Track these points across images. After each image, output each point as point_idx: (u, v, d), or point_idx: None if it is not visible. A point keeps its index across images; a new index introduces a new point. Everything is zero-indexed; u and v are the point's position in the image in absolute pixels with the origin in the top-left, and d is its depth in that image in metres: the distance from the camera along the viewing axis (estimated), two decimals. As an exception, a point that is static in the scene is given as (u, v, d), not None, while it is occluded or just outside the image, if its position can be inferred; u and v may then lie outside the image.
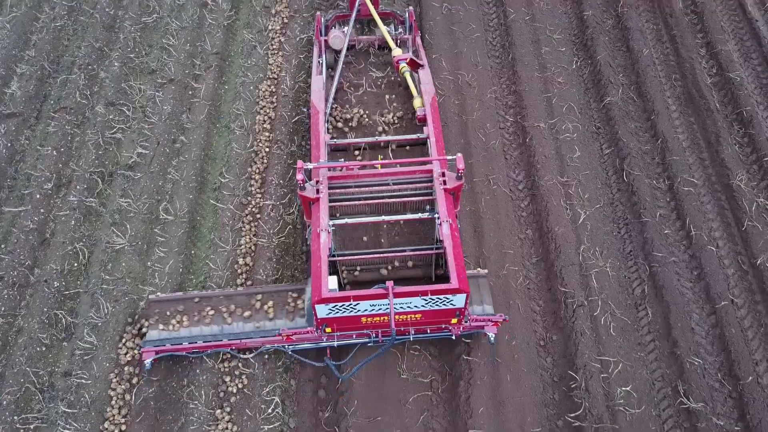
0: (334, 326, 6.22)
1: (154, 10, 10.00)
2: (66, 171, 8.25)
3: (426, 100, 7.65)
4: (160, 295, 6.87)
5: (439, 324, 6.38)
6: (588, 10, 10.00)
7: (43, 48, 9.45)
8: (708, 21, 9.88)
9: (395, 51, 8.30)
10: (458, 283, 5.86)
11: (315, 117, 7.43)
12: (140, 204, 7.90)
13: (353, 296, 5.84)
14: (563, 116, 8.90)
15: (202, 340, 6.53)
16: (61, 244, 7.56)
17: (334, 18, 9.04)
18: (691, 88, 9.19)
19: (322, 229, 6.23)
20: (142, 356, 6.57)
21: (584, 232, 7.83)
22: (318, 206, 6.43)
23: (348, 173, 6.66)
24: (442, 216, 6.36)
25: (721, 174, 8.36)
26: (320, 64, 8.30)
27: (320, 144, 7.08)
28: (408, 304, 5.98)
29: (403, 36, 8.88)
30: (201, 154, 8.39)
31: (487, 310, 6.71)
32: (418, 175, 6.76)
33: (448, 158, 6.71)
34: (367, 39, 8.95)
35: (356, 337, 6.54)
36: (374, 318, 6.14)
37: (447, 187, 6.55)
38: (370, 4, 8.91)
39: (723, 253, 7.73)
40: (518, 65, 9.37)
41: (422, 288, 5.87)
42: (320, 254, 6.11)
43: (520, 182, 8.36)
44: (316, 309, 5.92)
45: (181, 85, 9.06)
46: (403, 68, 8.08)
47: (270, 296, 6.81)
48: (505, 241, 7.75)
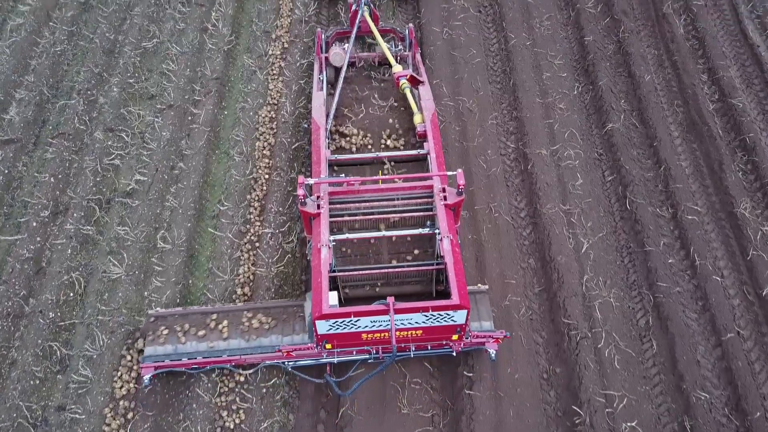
0: (334, 342, 6.16)
1: (154, 35, 9.98)
2: (63, 198, 8.16)
3: (426, 116, 7.69)
4: (160, 310, 6.82)
5: (440, 340, 6.33)
6: (589, 36, 9.98)
7: (43, 73, 9.41)
8: (709, 46, 9.86)
9: (395, 67, 8.32)
10: (459, 300, 5.82)
11: (316, 133, 7.46)
12: (138, 232, 7.80)
13: (354, 312, 5.81)
14: (565, 143, 8.83)
15: (201, 356, 6.45)
16: (57, 274, 7.45)
17: (335, 34, 9.12)
18: (694, 114, 9.14)
19: (322, 245, 6.19)
20: (141, 372, 6.49)
21: (587, 262, 7.73)
22: (319, 221, 6.41)
23: (349, 188, 6.67)
24: (442, 232, 6.36)
25: (724, 202, 8.27)
26: (321, 80, 8.35)
27: (321, 159, 7.09)
28: (409, 320, 5.95)
29: (403, 53, 8.95)
30: (200, 180, 8.31)
31: (487, 326, 6.64)
32: (419, 191, 6.77)
33: (448, 174, 6.70)
34: (368, 56, 9.01)
35: (356, 354, 6.47)
36: (375, 334, 6.09)
37: (447, 203, 6.55)
38: (371, 21, 8.96)
39: (728, 283, 7.63)
40: (519, 91, 9.33)
41: (423, 304, 5.83)
42: (321, 270, 6.07)
43: (521, 210, 8.27)
44: (316, 325, 5.87)
45: (180, 111, 9.00)
46: (404, 85, 8.11)
47: (267, 312, 6.76)
48: (507, 271, 7.65)
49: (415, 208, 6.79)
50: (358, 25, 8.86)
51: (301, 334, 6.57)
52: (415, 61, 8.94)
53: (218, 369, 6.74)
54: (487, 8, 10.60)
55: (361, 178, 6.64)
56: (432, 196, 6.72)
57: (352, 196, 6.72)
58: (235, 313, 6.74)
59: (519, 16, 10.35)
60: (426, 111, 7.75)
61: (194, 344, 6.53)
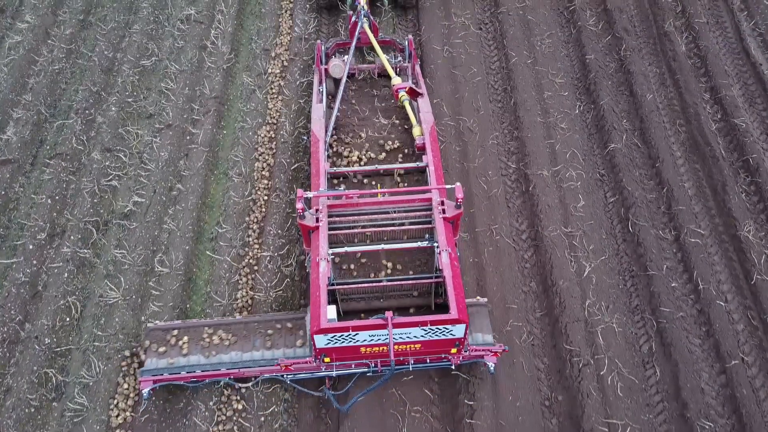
0: (333, 356, 6.16)
1: (153, 53, 9.93)
2: (60, 220, 8.09)
3: (425, 129, 7.69)
4: (159, 323, 6.80)
5: (439, 353, 6.33)
6: (590, 54, 9.92)
7: (41, 92, 9.35)
8: (712, 65, 9.79)
9: (395, 80, 8.33)
10: (458, 314, 5.82)
11: (315, 145, 7.45)
12: (135, 255, 7.72)
13: (352, 326, 5.80)
14: (567, 163, 8.76)
15: (200, 369, 6.42)
16: (54, 298, 7.37)
17: (335, 46, 9.15)
18: (696, 134, 9.06)
19: (321, 258, 6.19)
20: (140, 385, 6.47)
21: (589, 286, 7.64)
22: (317, 235, 6.40)
23: (347, 201, 6.67)
24: (441, 245, 6.35)
25: (728, 224, 8.19)
26: (320, 92, 8.37)
27: (320, 172, 7.09)
28: (407, 334, 5.94)
29: (402, 64, 8.96)
30: (198, 202, 8.24)
31: (486, 339, 6.63)
32: (418, 204, 6.78)
33: (447, 187, 6.70)
34: (367, 67, 9.02)
35: (355, 367, 6.46)
36: (373, 348, 6.08)
37: (446, 216, 6.55)
38: (370, 33, 8.97)
39: (732, 308, 7.54)
40: (520, 110, 9.26)
41: (421, 318, 5.85)
42: (319, 283, 6.06)
43: (523, 232, 8.19)
44: (314, 339, 5.86)
45: (178, 131, 8.94)
46: (403, 97, 8.12)
47: (266, 325, 6.73)
48: (508, 295, 7.56)
49: (413, 221, 6.78)
50: (357, 37, 8.91)
51: (301, 347, 6.54)
52: (414, 72, 8.94)
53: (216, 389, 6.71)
54: (488, 25, 10.55)
55: (359, 192, 6.66)
56: (431, 209, 6.73)
57: (351, 209, 6.72)
58: (234, 326, 6.73)
59: (520, 33, 10.29)
60: (425, 123, 7.78)
61: (193, 357, 6.50)
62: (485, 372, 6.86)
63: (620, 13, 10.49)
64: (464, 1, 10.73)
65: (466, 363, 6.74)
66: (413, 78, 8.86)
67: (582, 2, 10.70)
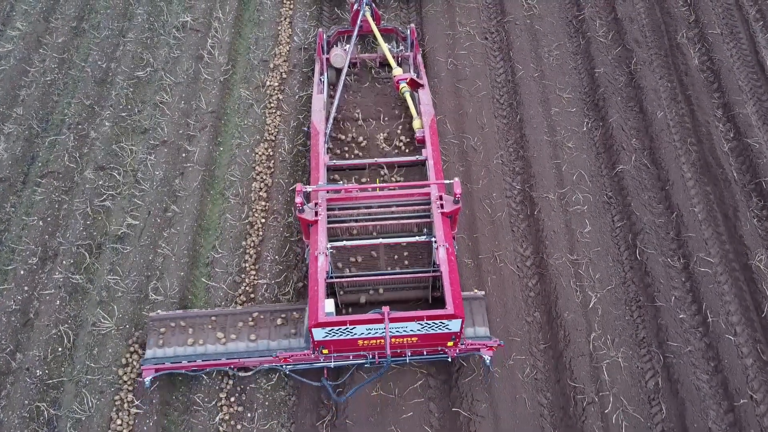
0: (330, 348, 6.25)
1: (148, 63, 9.63)
2: (52, 243, 7.88)
3: (425, 122, 7.64)
4: (160, 313, 6.87)
5: (435, 346, 6.44)
6: (599, 67, 9.59)
7: (32, 105, 9.08)
8: (725, 79, 9.46)
9: (396, 70, 8.30)
10: (454, 309, 5.90)
11: (315, 138, 7.44)
12: (129, 282, 7.53)
13: (350, 321, 5.89)
14: (573, 185, 8.50)
15: (201, 359, 6.54)
16: (45, 327, 7.20)
17: (336, 33, 9.11)
18: (708, 154, 8.78)
19: (319, 252, 6.26)
20: (142, 374, 6.56)
21: (595, 318, 7.44)
22: (316, 229, 6.45)
23: (346, 195, 6.74)
24: (439, 240, 6.40)
25: (739, 252, 7.95)
26: (321, 82, 8.34)
27: (320, 165, 7.10)
28: (404, 328, 6.02)
29: (404, 54, 8.91)
30: (193, 225, 8.02)
31: (482, 332, 6.72)
32: (416, 198, 6.82)
33: (445, 182, 6.72)
34: (369, 57, 8.99)
35: (353, 359, 6.55)
36: (371, 341, 6.17)
37: (444, 211, 6.59)
38: (372, 21, 8.88)
39: (741, 341, 7.33)
40: (526, 127, 8.97)
41: (418, 313, 5.92)
42: (317, 277, 6.14)
43: (527, 258, 7.97)
44: (312, 332, 5.95)
45: (174, 148, 8.68)
46: (404, 88, 8.07)
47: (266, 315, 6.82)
48: (511, 327, 7.36)
49: (412, 215, 6.82)
50: (359, 25, 8.81)
51: (300, 338, 6.63)
52: (416, 62, 8.82)
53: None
54: (494, 35, 10.21)
55: (358, 186, 6.71)
56: (429, 203, 6.74)
57: (350, 203, 6.78)
58: (235, 316, 6.81)
59: (527, 44, 9.95)
60: (425, 116, 7.74)
61: (195, 347, 6.62)
62: (486, 409, 6.71)
63: (631, 22, 10.14)
64: (469, 9, 10.38)
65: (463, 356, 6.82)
66: (415, 68, 8.78)
67: (591, 11, 10.34)
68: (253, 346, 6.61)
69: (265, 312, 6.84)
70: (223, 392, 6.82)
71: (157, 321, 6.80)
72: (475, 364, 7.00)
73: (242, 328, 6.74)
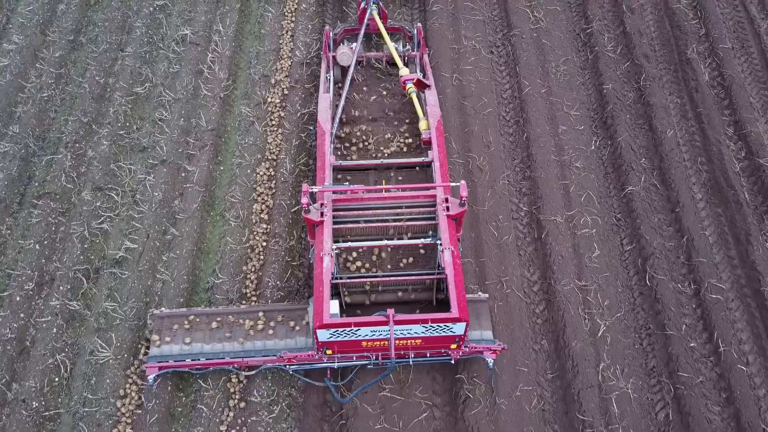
0: (334, 348, 6.27)
1: (147, 78, 9.42)
2: (49, 267, 7.71)
3: (432, 123, 7.64)
4: (165, 310, 6.91)
5: (439, 348, 6.45)
6: (608, 83, 9.38)
7: (28, 122, 8.88)
8: (736, 96, 9.26)
9: (402, 70, 8.29)
10: (458, 313, 5.94)
11: (321, 138, 7.43)
12: (127, 309, 7.36)
13: (354, 323, 5.92)
14: (581, 207, 8.31)
15: (205, 358, 6.56)
16: (42, 357, 7.03)
17: (343, 32, 9.09)
18: (719, 175, 8.59)
19: (325, 254, 6.27)
20: (146, 372, 6.60)
21: (603, 347, 7.27)
22: (322, 229, 6.48)
23: (352, 196, 6.76)
24: (444, 243, 6.40)
25: (751, 277, 7.77)
26: (328, 80, 8.32)
27: (325, 166, 7.11)
28: (408, 330, 6.05)
29: (410, 53, 8.88)
30: (193, 249, 7.84)
31: (486, 336, 6.71)
32: (422, 200, 6.83)
33: (452, 185, 6.80)
34: (375, 56, 8.99)
35: (356, 359, 6.55)
36: (375, 342, 6.18)
37: (450, 214, 6.59)
38: (379, 20, 8.85)
39: (753, 371, 7.17)
40: (533, 146, 8.78)
41: (422, 316, 5.97)
42: (323, 279, 6.15)
43: (534, 284, 7.79)
44: (317, 333, 5.98)
45: (173, 167, 8.49)
46: (410, 89, 8.06)
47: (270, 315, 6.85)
48: (518, 356, 7.20)
49: (417, 217, 6.82)
50: (366, 23, 8.77)
51: (304, 338, 6.65)
52: (422, 62, 8.76)
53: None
54: (500, 48, 10.00)
55: (364, 187, 6.73)
56: (435, 205, 6.75)
57: (356, 204, 6.79)
58: (240, 315, 6.84)
59: (534, 59, 9.74)
60: (432, 117, 7.69)
61: (199, 345, 6.64)
62: (492, 442, 6.57)
63: (640, 36, 9.92)
64: (475, 23, 10.16)
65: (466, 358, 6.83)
66: (421, 68, 8.73)
67: (599, 24, 10.12)
68: (258, 345, 6.64)
69: (271, 311, 6.88)
70: (223, 425, 6.67)
71: (161, 319, 6.81)
72: (482, 396, 6.84)
73: (247, 327, 6.76)
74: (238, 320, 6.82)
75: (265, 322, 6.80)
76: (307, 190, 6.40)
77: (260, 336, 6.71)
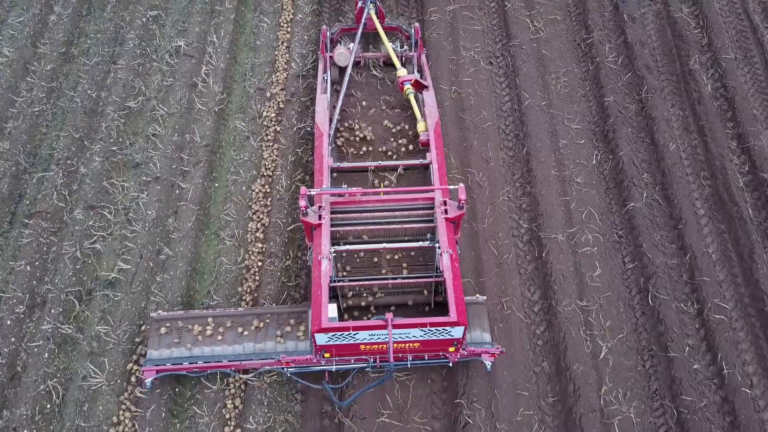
0: (333, 351, 6.28)
1: (140, 92, 9.25)
2: (40, 289, 7.57)
3: (429, 125, 7.62)
4: (162, 313, 6.88)
5: (437, 351, 6.46)
6: (609, 96, 9.23)
7: (19, 138, 8.72)
8: (739, 108, 9.11)
9: (400, 71, 8.23)
10: (457, 317, 5.94)
11: (319, 140, 7.43)
12: (120, 333, 7.22)
13: (353, 327, 5.92)
14: (582, 225, 8.17)
15: (202, 360, 6.56)
16: (33, 383, 6.90)
17: (340, 31, 9.01)
18: (722, 190, 8.45)
19: (323, 257, 6.26)
20: (143, 375, 6.58)
21: (606, 369, 7.15)
22: (320, 232, 6.47)
23: (350, 199, 6.77)
24: (442, 246, 6.41)
25: (755, 297, 7.65)
26: (325, 80, 8.25)
27: (323, 168, 7.11)
28: (407, 334, 6.04)
29: (408, 53, 8.79)
30: (187, 269, 7.69)
31: (484, 338, 6.73)
32: (420, 203, 6.86)
33: (450, 188, 6.79)
34: (373, 56, 8.91)
35: (355, 362, 6.54)
36: (373, 345, 6.18)
37: (448, 217, 6.58)
38: (376, 20, 8.78)
39: (757, 393, 7.06)
40: (533, 161, 8.63)
41: (421, 320, 5.97)
42: (320, 282, 6.14)
43: (535, 303, 7.66)
44: (315, 337, 5.97)
45: (167, 185, 8.34)
46: (408, 90, 8.00)
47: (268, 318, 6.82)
48: (519, 379, 7.07)
49: (415, 220, 6.82)
50: (364, 22, 8.69)
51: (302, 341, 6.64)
52: (420, 62, 8.70)
53: None
54: (499, 59, 9.83)
55: (362, 190, 6.74)
56: (433, 207, 6.76)
57: (354, 206, 6.78)
58: (237, 318, 6.84)
59: (534, 70, 9.58)
60: (429, 119, 7.69)
61: (196, 348, 6.62)
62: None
63: (642, 46, 9.76)
64: (474, 33, 9.99)
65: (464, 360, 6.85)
66: (419, 68, 8.66)
67: (600, 34, 9.96)
68: (258, 347, 6.62)
69: (268, 314, 6.86)
70: None
71: (158, 321, 6.77)
72: (482, 421, 6.73)
73: (244, 329, 6.75)
74: (236, 323, 6.81)
75: (264, 325, 6.79)
76: (305, 192, 6.40)
77: (258, 339, 6.69)
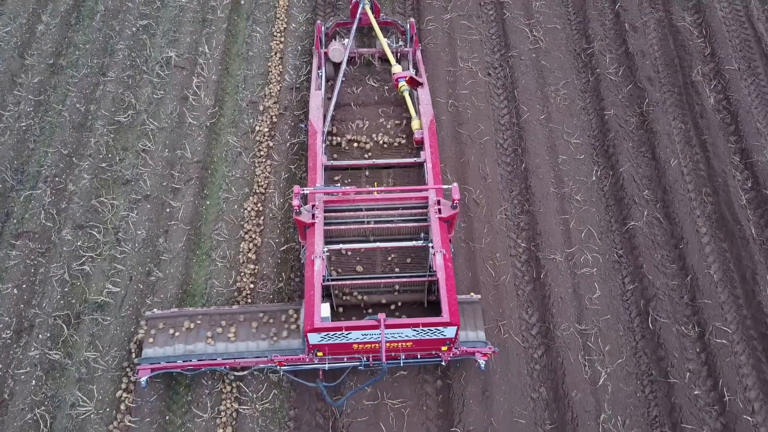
0: (325, 350, 6.26)
1: (130, 105, 9.04)
2: (28, 313, 7.41)
3: (424, 123, 7.57)
4: (156, 311, 6.88)
5: (430, 351, 6.44)
6: (609, 109, 9.03)
7: (6, 155, 8.53)
8: (742, 121, 8.92)
9: (395, 68, 8.18)
10: (450, 317, 5.94)
11: (312, 138, 7.39)
12: (109, 359, 7.07)
13: (345, 326, 5.91)
14: (582, 244, 8.00)
15: (196, 359, 6.54)
16: (20, 412, 6.76)
17: (335, 25, 8.96)
18: (724, 208, 8.27)
19: (316, 256, 6.26)
20: (138, 373, 6.56)
21: (604, 396, 7.01)
22: (313, 231, 6.47)
23: (344, 198, 6.76)
24: (436, 246, 6.41)
25: (757, 319, 7.50)
26: (319, 76, 8.20)
27: (317, 166, 7.07)
28: (399, 333, 6.04)
29: (403, 49, 8.69)
30: (178, 291, 7.54)
31: (478, 336, 6.70)
32: (414, 202, 6.84)
33: (444, 187, 6.74)
34: (368, 51, 8.83)
35: (347, 361, 6.51)
36: (366, 344, 6.16)
37: (442, 216, 6.57)
38: (371, 15, 8.70)
39: (759, 420, 6.92)
40: (532, 178, 8.45)
41: (413, 321, 5.98)
42: (313, 281, 6.13)
43: (533, 326, 7.51)
44: (308, 336, 5.96)
45: (157, 203, 8.16)
46: (402, 87, 7.94)
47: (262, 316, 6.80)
48: (516, 406, 6.94)
49: (409, 219, 6.80)
50: (359, 17, 8.62)
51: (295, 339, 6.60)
52: (415, 58, 8.60)
53: None
54: (497, 70, 9.62)
55: (356, 189, 6.79)
56: (426, 207, 6.73)
57: (348, 205, 6.78)
58: (232, 316, 6.81)
59: (532, 82, 9.37)
60: (424, 117, 7.64)
61: (191, 346, 6.59)
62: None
63: (643, 57, 9.55)
64: (471, 43, 9.77)
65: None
66: (414, 64, 8.58)
67: (601, 44, 9.74)
68: (252, 345, 6.59)
69: (262, 312, 6.82)
70: None
71: (153, 320, 6.75)
72: (478, 449, 6.60)
73: (239, 327, 6.72)
74: (230, 321, 6.78)
75: (258, 323, 6.74)
76: (298, 191, 6.37)
77: (253, 337, 6.65)
